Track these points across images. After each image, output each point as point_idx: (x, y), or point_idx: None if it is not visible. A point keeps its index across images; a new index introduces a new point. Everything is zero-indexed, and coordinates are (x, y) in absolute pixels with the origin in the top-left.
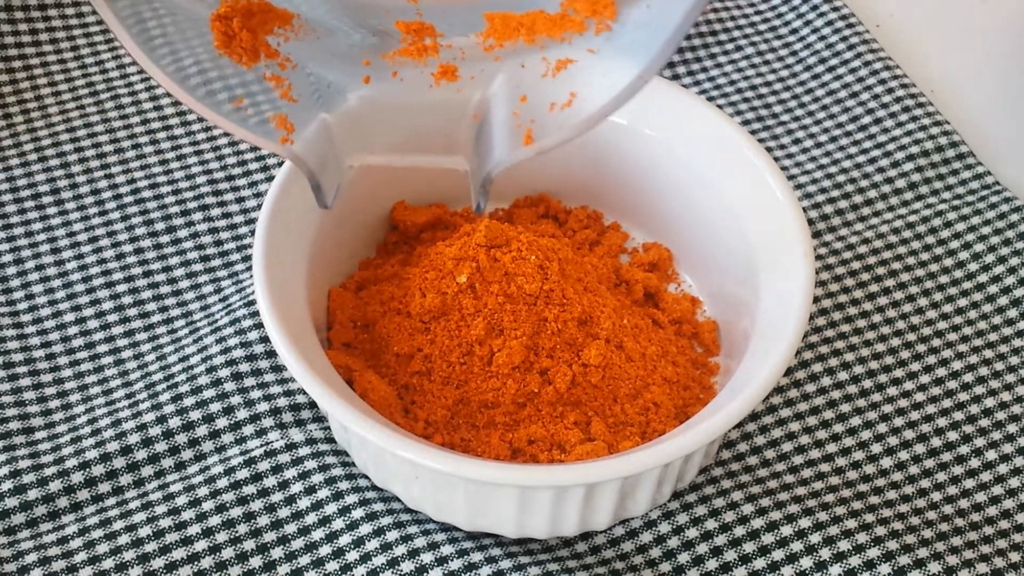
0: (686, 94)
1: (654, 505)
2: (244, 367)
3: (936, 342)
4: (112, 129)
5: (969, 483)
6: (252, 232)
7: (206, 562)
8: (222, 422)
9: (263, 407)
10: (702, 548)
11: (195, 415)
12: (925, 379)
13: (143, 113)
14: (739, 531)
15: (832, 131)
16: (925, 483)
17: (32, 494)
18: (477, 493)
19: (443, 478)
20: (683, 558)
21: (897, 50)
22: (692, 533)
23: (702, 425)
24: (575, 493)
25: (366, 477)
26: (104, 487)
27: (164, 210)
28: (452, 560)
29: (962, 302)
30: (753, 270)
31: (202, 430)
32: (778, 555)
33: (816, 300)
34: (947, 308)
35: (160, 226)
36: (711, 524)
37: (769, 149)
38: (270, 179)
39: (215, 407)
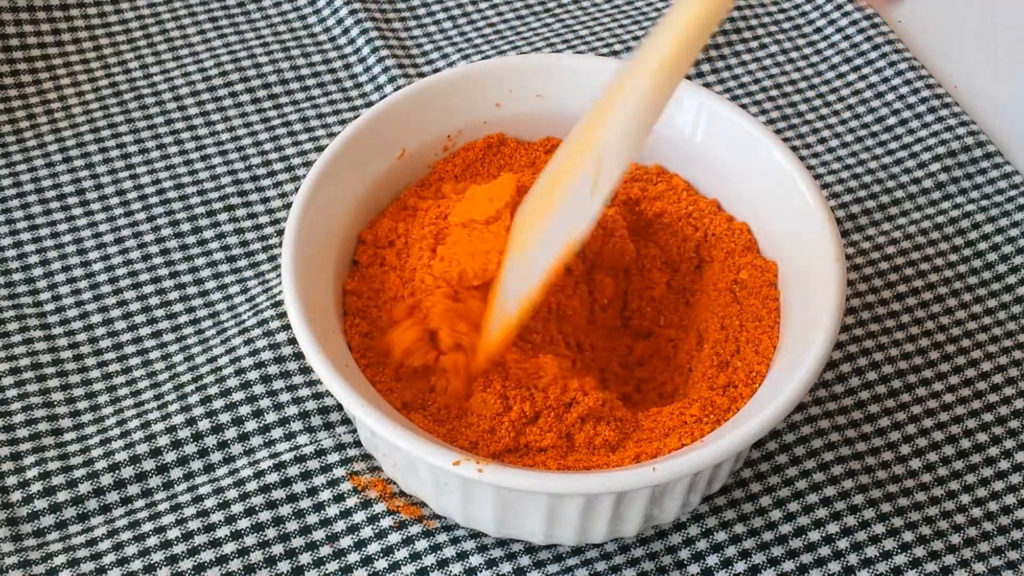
0: (711, 95)
1: (683, 512)
2: (272, 369)
3: (965, 343)
4: (136, 129)
5: (999, 485)
6: (277, 232)
7: (234, 565)
8: (251, 425)
9: (292, 410)
10: (731, 551)
11: (224, 417)
12: (954, 380)
13: (167, 113)
14: (767, 535)
15: (858, 131)
16: (954, 485)
17: (61, 496)
18: (505, 501)
19: (471, 485)
20: (711, 560)
21: (920, 48)
22: (721, 536)
23: (734, 433)
24: (604, 502)
25: (394, 482)
26: (133, 489)
27: (190, 210)
28: (481, 571)
29: (991, 303)
30: (782, 273)
31: (231, 432)
32: (806, 559)
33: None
34: (976, 308)
35: (186, 227)
36: (740, 528)
37: (795, 148)
38: (295, 179)
39: (244, 410)
